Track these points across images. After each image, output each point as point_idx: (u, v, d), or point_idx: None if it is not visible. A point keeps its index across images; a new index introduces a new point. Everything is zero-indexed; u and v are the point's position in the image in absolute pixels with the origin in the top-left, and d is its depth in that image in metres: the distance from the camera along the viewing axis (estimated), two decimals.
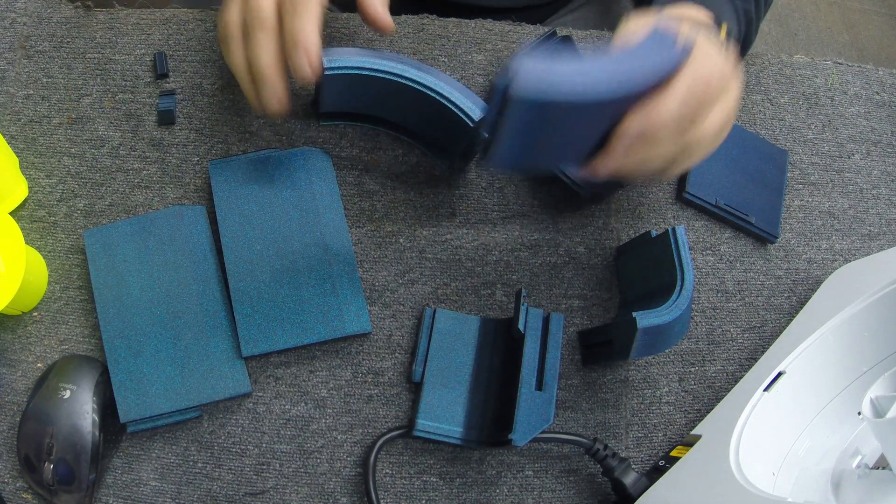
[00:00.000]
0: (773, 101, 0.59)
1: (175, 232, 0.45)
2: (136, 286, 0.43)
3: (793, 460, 0.43)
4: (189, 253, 0.44)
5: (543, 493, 0.45)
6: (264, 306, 0.43)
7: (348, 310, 0.44)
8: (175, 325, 0.43)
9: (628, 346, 0.41)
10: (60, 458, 0.39)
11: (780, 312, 0.52)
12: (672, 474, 0.43)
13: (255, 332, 0.43)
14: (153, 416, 0.41)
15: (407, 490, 0.44)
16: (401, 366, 0.47)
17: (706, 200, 0.53)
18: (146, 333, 0.42)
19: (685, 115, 0.38)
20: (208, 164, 0.47)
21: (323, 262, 0.45)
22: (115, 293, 0.43)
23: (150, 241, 0.44)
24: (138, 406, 0.41)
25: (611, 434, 0.47)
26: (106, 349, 0.42)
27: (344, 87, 0.46)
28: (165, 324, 0.43)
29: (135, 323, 0.43)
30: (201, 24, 0.53)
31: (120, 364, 0.42)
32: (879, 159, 0.58)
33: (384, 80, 0.44)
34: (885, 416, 0.36)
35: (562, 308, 0.50)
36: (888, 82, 0.61)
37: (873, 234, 0.56)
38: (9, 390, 0.43)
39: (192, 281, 0.44)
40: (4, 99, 0.50)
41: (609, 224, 0.52)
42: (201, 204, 0.48)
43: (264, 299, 0.44)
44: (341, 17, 0.55)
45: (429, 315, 0.47)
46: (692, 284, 0.43)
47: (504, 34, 0.56)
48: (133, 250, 0.44)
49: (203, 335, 0.43)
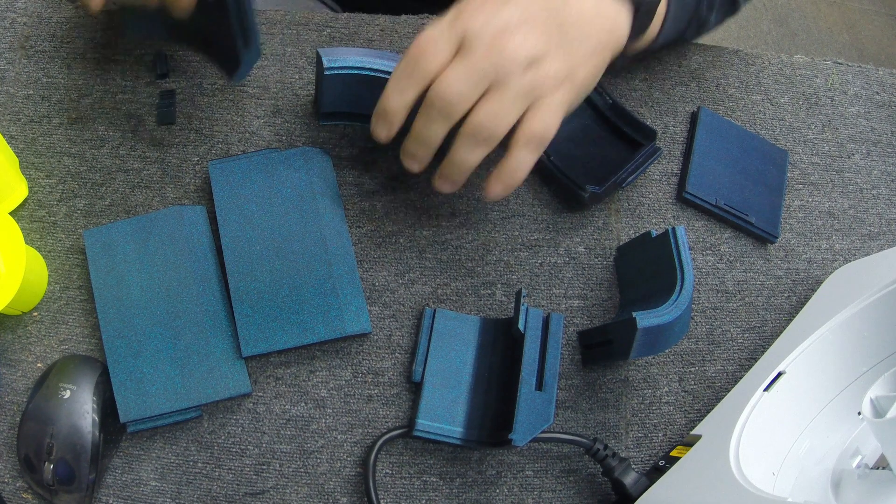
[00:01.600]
0: (773, 101, 0.59)
1: (175, 232, 0.45)
2: (136, 286, 0.43)
3: (793, 460, 0.43)
4: (189, 253, 0.44)
5: (543, 493, 0.46)
6: (264, 306, 0.43)
7: (348, 310, 0.44)
8: (175, 325, 0.43)
9: (628, 346, 0.41)
10: (60, 458, 0.39)
11: (780, 312, 0.52)
12: (672, 474, 0.43)
13: (255, 332, 0.43)
14: (153, 416, 0.41)
15: (407, 490, 0.44)
16: (401, 366, 0.47)
17: (706, 200, 0.53)
18: (146, 333, 0.42)
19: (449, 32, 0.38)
20: (208, 165, 0.47)
21: (323, 261, 0.45)
22: (115, 293, 0.43)
23: (150, 241, 0.44)
24: (138, 406, 0.41)
25: (611, 434, 0.47)
26: (106, 349, 0.42)
27: (345, 88, 0.46)
28: (165, 324, 0.43)
29: (135, 323, 0.42)
30: None
31: (120, 364, 0.42)
32: (879, 159, 0.58)
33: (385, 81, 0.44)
34: (885, 416, 0.36)
35: (562, 308, 0.50)
36: (888, 82, 0.61)
37: (873, 234, 0.56)
38: (9, 390, 0.43)
39: (192, 281, 0.44)
40: (4, 99, 0.50)
41: (609, 224, 0.52)
42: (201, 204, 0.48)
43: (264, 299, 0.44)
44: (341, 17, 0.55)
45: (429, 315, 0.47)
46: (692, 284, 0.43)
47: None
48: (133, 250, 0.44)
49: (203, 335, 0.43)
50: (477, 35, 0.37)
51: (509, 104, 0.38)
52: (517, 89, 0.38)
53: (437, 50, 0.38)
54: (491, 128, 0.38)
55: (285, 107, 0.51)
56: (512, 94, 0.38)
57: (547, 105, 0.39)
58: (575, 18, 0.39)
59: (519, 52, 0.37)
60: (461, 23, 0.38)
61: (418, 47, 0.38)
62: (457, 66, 0.38)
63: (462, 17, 0.38)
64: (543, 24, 0.38)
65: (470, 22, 0.38)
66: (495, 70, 0.37)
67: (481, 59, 0.37)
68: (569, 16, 0.39)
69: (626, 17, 0.42)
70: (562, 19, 0.39)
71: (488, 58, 0.37)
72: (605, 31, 0.41)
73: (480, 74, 0.37)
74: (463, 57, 0.38)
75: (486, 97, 0.38)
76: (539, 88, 0.38)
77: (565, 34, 0.39)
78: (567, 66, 0.39)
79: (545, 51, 0.38)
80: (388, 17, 0.55)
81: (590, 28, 0.40)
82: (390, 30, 0.55)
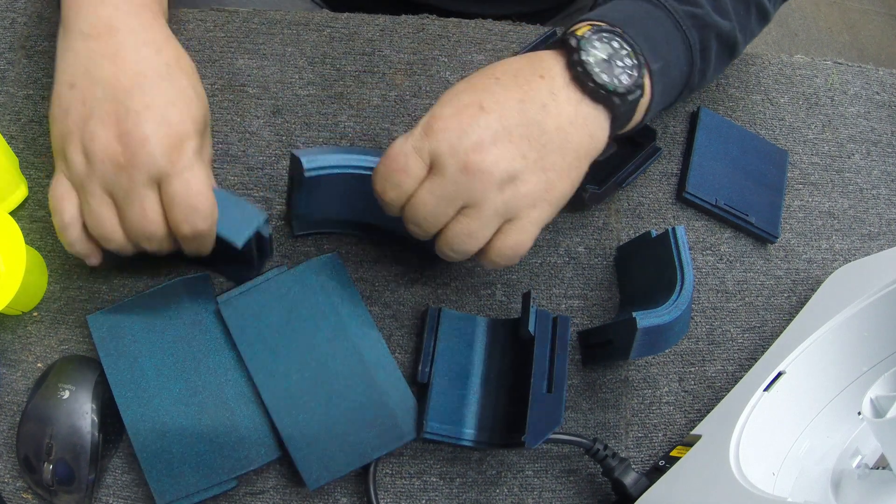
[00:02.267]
0: (773, 101, 0.59)
1: (181, 305, 0.44)
2: (150, 366, 0.42)
3: (793, 460, 0.43)
4: (199, 325, 0.43)
5: (543, 493, 0.45)
6: (317, 438, 0.42)
7: (403, 416, 0.43)
8: (196, 400, 0.41)
9: (628, 346, 0.41)
10: (60, 458, 0.39)
11: (780, 312, 0.52)
12: (672, 474, 0.43)
13: (317, 466, 0.41)
14: (190, 493, 0.40)
15: (407, 490, 0.44)
16: (401, 366, 0.47)
17: (706, 200, 0.53)
18: (168, 412, 0.41)
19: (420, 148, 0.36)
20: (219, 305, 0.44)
21: (363, 374, 0.43)
22: (129, 376, 0.42)
23: (156, 319, 0.43)
24: (174, 487, 0.40)
25: (611, 434, 0.47)
26: (130, 434, 0.40)
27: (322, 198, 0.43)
28: (186, 400, 0.41)
29: (155, 403, 0.41)
30: (201, 24, 0.53)
31: (148, 448, 0.40)
32: (879, 159, 0.58)
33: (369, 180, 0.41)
34: (885, 416, 0.36)
35: (562, 308, 0.50)
36: (888, 82, 0.61)
37: (873, 234, 0.56)
38: (9, 390, 0.43)
39: (206, 353, 0.43)
40: (4, 99, 0.49)
41: (609, 224, 0.52)
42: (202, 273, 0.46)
43: (315, 431, 0.42)
44: (341, 17, 0.55)
45: (433, 315, 0.46)
46: (692, 284, 0.43)
47: (504, 34, 0.56)
48: (141, 330, 0.43)
49: (226, 406, 0.42)
50: (450, 154, 0.36)
51: (483, 224, 0.37)
52: (492, 210, 0.37)
53: (409, 168, 0.37)
54: (463, 246, 0.38)
55: (285, 107, 0.51)
56: (486, 216, 0.37)
57: (521, 225, 0.38)
58: (553, 128, 0.37)
59: (494, 172, 0.36)
60: (433, 140, 0.36)
61: (391, 163, 0.37)
62: (430, 186, 0.37)
63: (434, 132, 0.36)
64: (519, 138, 0.37)
65: (442, 138, 0.36)
66: (469, 192, 0.36)
67: (453, 181, 0.36)
68: (547, 127, 0.37)
69: (605, 118, 0.39)
70: (540, 130, 0.37)
71: (461, 181, 0.36)
72: (586, 138, 0.39)
73: (452, 196, 0.36)
74: (435, 177, 0.36)
75: (460, 215, 0.37)
76: (514, 209, 0.37)
77: (543, 147, 0.37)
78: (544, 183, 0.37)
79: (522, 168, 0.37)
80: (389, 17, 0.55)
81: (569, 138, 0.38)
82: (390, 30, 0.55)
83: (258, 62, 0.52)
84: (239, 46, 0.52)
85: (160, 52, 0.38)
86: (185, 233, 0.37)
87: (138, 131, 0.35)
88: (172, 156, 0.36)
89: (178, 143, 0.36)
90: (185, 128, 0.37)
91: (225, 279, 0.47)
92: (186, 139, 0.37)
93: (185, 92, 0.38)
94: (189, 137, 0.37)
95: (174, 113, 0.37)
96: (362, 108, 0.52)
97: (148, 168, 0.35)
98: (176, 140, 0.36)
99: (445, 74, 0.54)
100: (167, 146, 0.36)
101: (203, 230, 0.37)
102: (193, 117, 0.38)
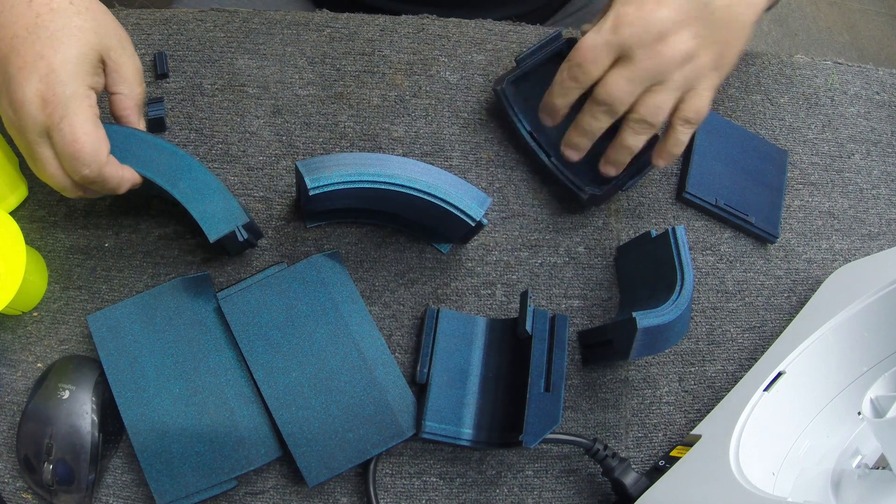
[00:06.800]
0: (773, 101, 0.59)
1: (180, 305, 0.44)
2: (150, 365, 0.42)
3: (793, 460, 0.43)
4: (199, 325, 0.43)
5: (543, 493, 0.45)
6: (318, 435, 0.42)
7: (401, 413, 0.43)
8: (196, 400, 0.42)
9: (628, 346, 0.41)
10: (60, 458, 0.39)
11: (780, 312, 0.52)
12: (672, 474, 0.43)
13: (316, 462, 0.41)
14: (190, 493, 0.40)
15: (407, 490, 0.44)
16: (401, 366, 0.47)
17: (706, 200, 0.53)
18: (168, 412, 0.41)
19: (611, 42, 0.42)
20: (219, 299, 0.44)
21: (363, 371, 0.43)
22: (129, 376, 0.42)
23: (156, 318, 0.43)
24: (174, 487, 0.40)
25: (611, 434, 0.47)
26: (130, 434, 0.41)
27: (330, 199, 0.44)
28: (186, 399, 0.42)
29: (154, 403, 0.41)
30: (201, 24, 0.53)
31: (148, 448, 0.40)
32: (879, 159, 0.58)
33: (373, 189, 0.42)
34: (885, 416, 0.36)
35: (562, 308, 0.50)
36: (888, 82, 0.61)
37: (873, 234, 0.56)
38: (9, 390, 0.43)
39: (206, 353, 0.43)
40: None
41: (609, 224, 0.52)
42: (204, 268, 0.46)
43: (315, 428, 0.42)
44: (341, 17, 0.55)
45: (432, 315, 0.46)
46: (692, 284, 0.43)
47: (504, 34, 0.56)
48: (141, 330, 0.43)
49: (226, 406, 0.42)
50: (638, 45, 0.42)
51: (668, 96, 0.43)
52: (675, 84, 0.43)
53: (599, 59, 0.43)
54: (653, 118, 0.44)
55: (285, 107, 0.51)
56: (670, 88, 0.43)
57: (700, 91, 0.44)
58: (722, 5, 0.42)
59: (676, 54, 0.42)
60: (621, 35, 0.42)
61: (582, 55, 0.43)
62: (622, 71, 0.43)
63: (621, 28, 0.42)
64: (695, 21, 0.42)
65: (630, 32, 0.42)
66: (657, 72, 0.42)
67: (643, 66, 0.42)
68: (716, 4, 0.42)
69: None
70: (710, 9, 0.42)
71: (650, 64, 0.42)
72: (748, 8, 0.44)
73: (643, 78, 0.42)
74: (627, 64, 0.43)
75: (647, 93, 0.43)
76: (693, 80, 0.43)
77: (713, 24, 0.43)
78: (717, 55, 0.43)
79: (698, 46, 0.42)
80: (389, 17, 0.55)
81: (733, 10, 0.43)
82: (390, 30, 0.55)
83: (258, 62, 0.52)
84: (239, 46, 0.52)
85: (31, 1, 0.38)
86: (77, 180, 0.39)
87: (17, 95, 0.36)
88: (47, 109, 0.37)
89: (51, 95, 0.37)
90: (54, 77, 0.37)
91: (225, 279, 0.47)
92: (57, 86, 0.37)
93: (56, 35, 0.37)
94: (60, 84, 0.37)
95: (42, 65, 0.37)
96: (362, 108, 0.52)
97: (32, 127, 0.37)
98: (48, 93, 0.37)
99: (445, 74, 0.54)
100: (40, 102, 0.36)
101: (88, 176, 0.38)
102: (67, 58, 0.37)
